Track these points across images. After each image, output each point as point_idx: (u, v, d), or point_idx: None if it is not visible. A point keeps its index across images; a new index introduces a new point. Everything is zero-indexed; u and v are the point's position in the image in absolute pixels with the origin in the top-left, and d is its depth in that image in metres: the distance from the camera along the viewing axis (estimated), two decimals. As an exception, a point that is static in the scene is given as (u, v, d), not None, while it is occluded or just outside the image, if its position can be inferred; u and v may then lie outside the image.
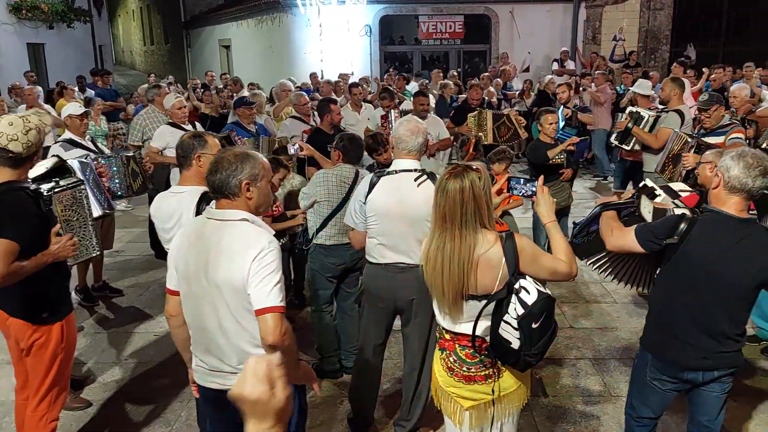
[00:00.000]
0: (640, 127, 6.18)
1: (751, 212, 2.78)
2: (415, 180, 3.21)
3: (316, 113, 6.55)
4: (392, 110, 7.02)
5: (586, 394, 4.16)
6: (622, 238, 2.79)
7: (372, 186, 3.30)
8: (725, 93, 8.21)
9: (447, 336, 2.57)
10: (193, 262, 2.41)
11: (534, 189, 2.73)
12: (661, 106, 6.60)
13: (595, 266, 3.29)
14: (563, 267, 2.51)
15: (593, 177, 10.58)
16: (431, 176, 3.23)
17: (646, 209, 3.11)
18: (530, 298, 2.33)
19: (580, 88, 10.61)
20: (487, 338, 2.45)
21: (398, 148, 3.30)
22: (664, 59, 15.53)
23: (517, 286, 2.37)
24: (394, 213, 3.24)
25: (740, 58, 11.80)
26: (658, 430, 3.07)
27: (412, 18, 16.13)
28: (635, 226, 2.79)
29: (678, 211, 2.73)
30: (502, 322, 2.37)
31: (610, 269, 3.26)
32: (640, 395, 2.94)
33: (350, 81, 10.67)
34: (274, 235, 2.44)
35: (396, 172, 3.28)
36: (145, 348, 4.94)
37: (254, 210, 2.45)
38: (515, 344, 2.35)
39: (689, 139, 5.13)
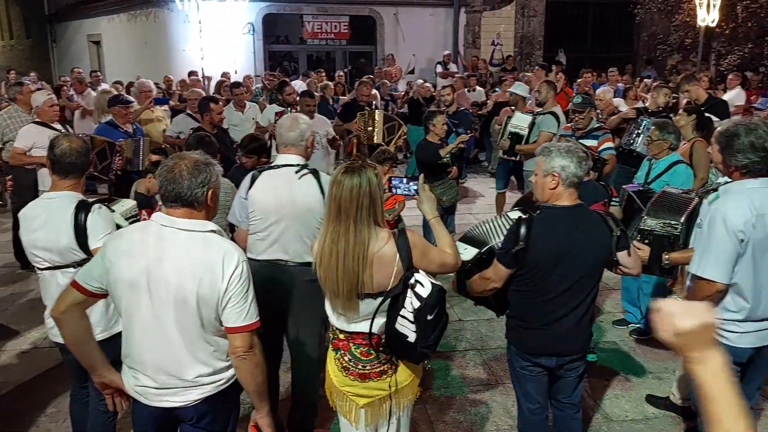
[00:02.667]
0: (522, 143, 6.50)
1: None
2: (296, 173, 3.17)
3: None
4: (291, 109, 6.93)
5: (475, 383, 4.29)
6: (497, 272, 2.84)
7: (253, 181, 3.24)
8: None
9: (341, 336, 2.57)
10: (143, 274, 2.23)
11: (416, 188, 2.78)
12: (537, 108, 6.94)
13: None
14: (450, 259, 2.63)
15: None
16: (314, 172, 3.20)
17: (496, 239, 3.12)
18: (425, 291, 2.39)
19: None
20: (383, 334, 2.47)
21: (279, 142, 3.28)
22: (538, 63, 16.45)
23: (412, 281, 2.41)
24: (273, 208, 3.19)
25: (604, 63, 12.75)
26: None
27: (297, 17, 15.98)
28: (495, 257, 2.87)
29: (512, 216, 2.84)
30: (399, 317, 2.40)
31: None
32: (520, 386, 3.08)
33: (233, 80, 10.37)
34: None
35: (278, 166, 3.23)
36: (11, 367, 4.51)
37: (209, 220, 2.37)
38: (411, 338, 2.39)
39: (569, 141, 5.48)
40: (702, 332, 1.23)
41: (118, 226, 2.92)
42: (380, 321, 2.47)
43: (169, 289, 2.22)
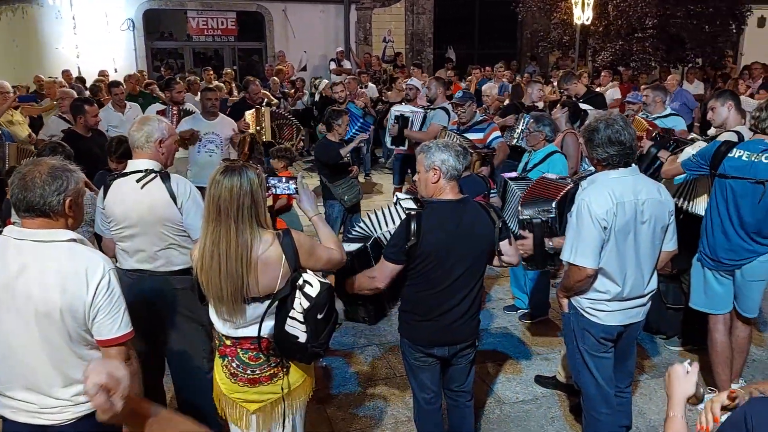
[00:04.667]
0: (408, 128, 6.59)
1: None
2: (138, 181, 3.01)
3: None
4: (172, 107, 6.62)
5: (373, 378, 4.30)
6: (383, 270, 2.85)
7: (106, 189, 3.09)
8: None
9: (227, 342, 2.50)
10: (3, 289, 2.09)
11: (295, 186, 2.73)
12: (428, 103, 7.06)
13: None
14: (336, 255, 2.62)
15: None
16: (163, 176, 3.05)
17: (386, 229, 3.13)
18: (314, 291, 2.38)
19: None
20: (272, 337, 2.43)
21: (131, 147, 3.11)
22: (429, 60, 16.81)
23: (300, 281, 2.39)
24: (124, 218, 3.05)
25: (491, 60, 13.22)
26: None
27: (181, 13, 15.34)
28: (383, 254, 2.88)
29: (405, 205, 2.89)
30: (289, 318, 2.38)
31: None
32: (414, 377, 3.11)
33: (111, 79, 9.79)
34: None
35: (127, 174, 3.07)
36: None
37: (72, 230, 2.24)
38: (302, 338, 2.38)
39: (456, 136, 5.59)
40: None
41: None
42: (269, 324, 2.42)
43: (31, 304, 2.08)
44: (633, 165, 2.93)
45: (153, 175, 3.02)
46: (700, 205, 3.92)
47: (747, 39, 17.22)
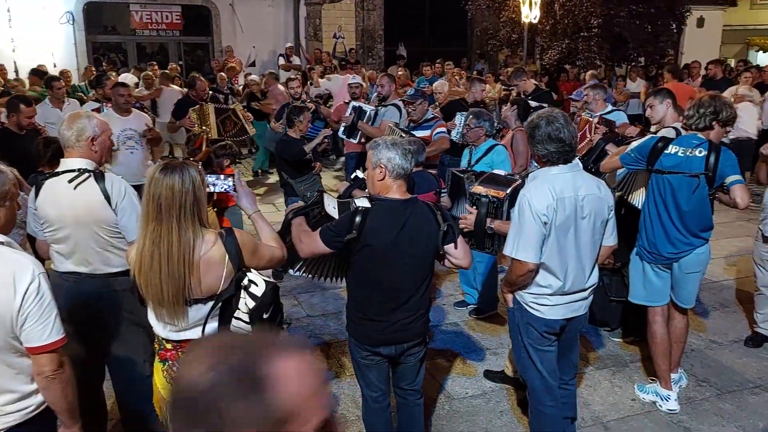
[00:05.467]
0: (363, 121, 6.57)
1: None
2: (70, 181, 2.90)
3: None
4: (105, 104, 6.41)
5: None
6: (311, 243, 2.87)
7: (38, 190, 2.96)
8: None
9: (168, 346, 2.45)
10: None
11: (232, 183, 2.67)
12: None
13: (301, 272, 3.33)
14: (278, 252, 2.60)
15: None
16: (98, 176, 2.95)
17: (331, 205, 3.19)
18: (259, 290, 2.37)
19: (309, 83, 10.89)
20: None
21: (62, 146, 3.00)
22: (380, 57, 16.82)
23: (245, 282, 2.37)
24: (56, 219, 2.93)
25: (442, 56, 13.30)
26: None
27: (124, 6, 14.88)
28: (320, 229, 2.88)
29: (359, 204, 2.87)
30: (234, 319, 2.36)
31: (313, 271, 3.31)
32: (362, 376, 3.10)
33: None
34: None
35: (58, 173, 2.96)
36: None
37: (2, 233, 2.17)
38: None
39: (402, 133, 5.59)
40: None
41: None
42: (212, 325, 2.38)
43: None
44: (574, 161, 2.97)
45: (86, 174, 2.91)
46: (639, 198, 4.02)
47: (687, 38, 17.87)
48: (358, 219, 2.74)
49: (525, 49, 13.46)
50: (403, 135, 5.33)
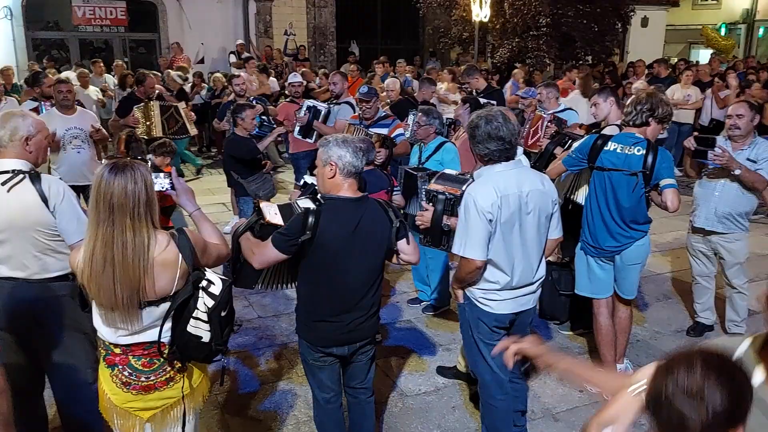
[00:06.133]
0: (319, 120, 6.52)
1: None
2: (4, 183, 2.78)
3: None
4: (44, 103, 6.18)
5: (274, 379, 4.21)
6: (264, 253, 2.80)
7: None
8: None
9: (117, 350, 2.38)
10: None
11: (170, 182, 2.62)
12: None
13: (262, 288, 3.24)
14: (223, 249, 2.60)
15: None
16: (34, 177, 2.84)
17: (272, 212, 3.10)
18: (217, 289, 2.37)
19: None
20: (168, 341, 2.36)
21: None
22: (332, 54, 16.74)
23: (204, 282, 2.36)
24: None
25: (395, 55, 13.34)
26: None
27: (66, 1, 14.38)
28: (271, 237, 2.82)
29: (302, 205, 2.83)
30: (192, 319, 2.33)
31: (272, 283, 3.22)
32: (314, 377, 3.07)
33: None
34: None
35: None
36: None
37: None
38: (206, 337, 2.36)
39: (363, 131, 5.60)
40: None
41: None
42: (167, 326, 2.35)
43: None
44: (517, 158, 3.01)
45: (21, 176, 2.78)
46: (583, 195, 4.12)
47: (632, 38, 18.41)
48: (311, 219, 2.71)
49: (476, 47, 13.61)
50: (369, 134, 5.33)
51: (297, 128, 6.70)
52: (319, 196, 2.94)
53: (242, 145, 5.51)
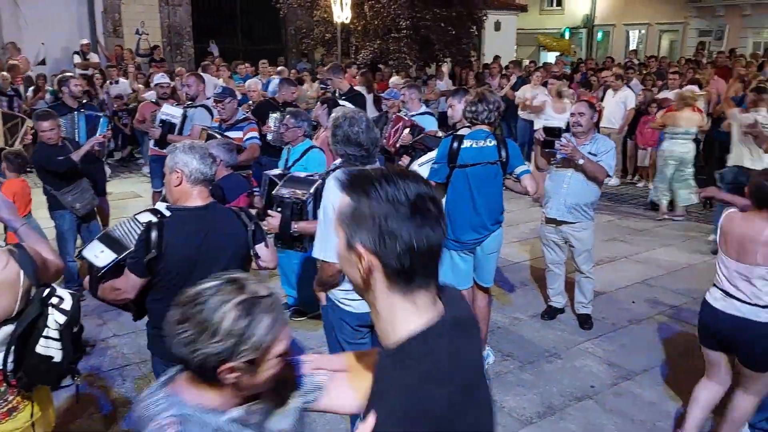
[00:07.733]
0: (174, 134, 6.21)
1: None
2: None
3: None
4: None
5: (132, 401, 3.93)
6: (126, 284, 2.60)
7: None
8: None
9: None
10: None
11: None
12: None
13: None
14: (59, 263, 2.47)
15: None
16: None
17: (96, 252, 2.72)
18: (68, 304, 2.26)
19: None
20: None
21: None
22: (189, 54, 16.07)
23: (54, 299, 2.20)
24: None
25: (257, 55, 13.03)
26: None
27: None
28: (127, 263, 2.63)
29: (142, 219, 2.66)
30: (42, 339, 2.16)
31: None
32: None
33: None
34: None
35: None
36: None
37: None
38: (58, 357, 2.23)
39: (215, 135, 5.38)
40: None
41: None
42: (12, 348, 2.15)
43: None
44: (375, 163, 3.02)
45: None
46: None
47: (486, 40, 19.44)
48: (153, 234, 2.54)
49: (339, 48, 13.66)
50: (227, 138, 5.13)
51: (152, 141, 6.45)
52: (164, 206, 2.77)
53: (50, 155, 4.95)
